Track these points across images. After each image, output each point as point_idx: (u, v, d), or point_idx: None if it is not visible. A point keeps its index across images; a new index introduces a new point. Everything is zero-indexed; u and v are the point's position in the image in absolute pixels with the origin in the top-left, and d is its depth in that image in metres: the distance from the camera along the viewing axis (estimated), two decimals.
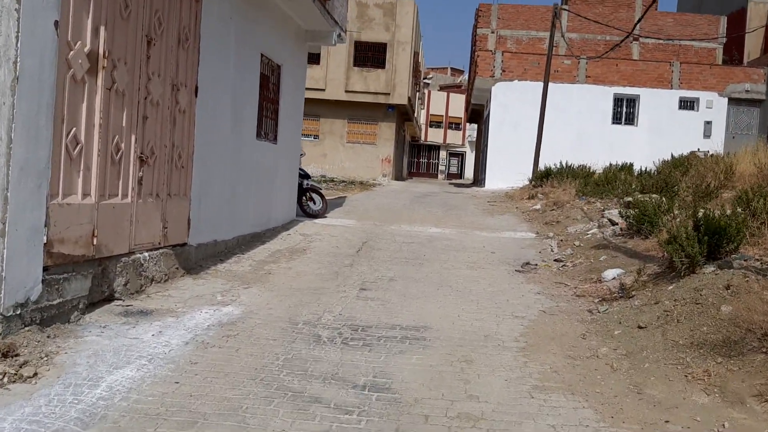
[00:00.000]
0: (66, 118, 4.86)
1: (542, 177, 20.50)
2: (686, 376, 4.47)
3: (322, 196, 12.57)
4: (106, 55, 5.33)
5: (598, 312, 6.39)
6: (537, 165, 22.69)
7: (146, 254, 6.17)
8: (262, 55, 9.35)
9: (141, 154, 6.01)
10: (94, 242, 5.29)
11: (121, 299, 5.73)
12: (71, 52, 4.89)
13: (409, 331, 5.53)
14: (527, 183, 22.48)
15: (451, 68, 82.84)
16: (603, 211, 12.75)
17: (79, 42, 4.98)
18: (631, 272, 7.68)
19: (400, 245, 10.14)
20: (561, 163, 21.37)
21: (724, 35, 34.08)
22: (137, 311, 5.53)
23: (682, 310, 5.55)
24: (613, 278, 7.74)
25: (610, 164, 21.33)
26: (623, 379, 4.50)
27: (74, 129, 4.98)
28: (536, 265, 9.00)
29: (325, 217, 12.68)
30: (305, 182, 12.32)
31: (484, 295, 7.08)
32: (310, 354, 4.76)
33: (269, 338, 5.09)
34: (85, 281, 5.20)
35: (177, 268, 6.76)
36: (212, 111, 7.55)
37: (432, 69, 78.23)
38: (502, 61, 27.60)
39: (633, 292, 6.70)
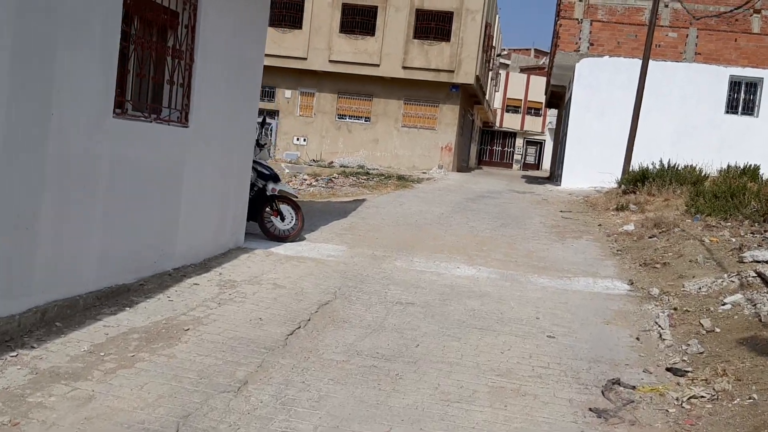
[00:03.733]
0: None
1: (636, 180, 15.59)
2: None
3: (296, 207, 8.27)
4: None
5: None
6: (629, 163, 17.73)
7: None
8: None
9: None
10: None
11: None
12: None
13: None
14: (614, 186, 17.58)
15: (535, 50, 76.76)
16: (740, 250, 7.98)
17: None
18: None
19: (386, 311, 5.78)
20: (660, 162, 16.38)
21: None
22: None
23: None
24: None
25: (728, 166, 16.19)
26: None
27: None
28: (633, 388, 4.47)
29: (302, 238, 8.41)
30: (269, 187, 8.06)
31: None
32: None
33: None
34: None
35: None
36: None
37: (514, 50, 72.75)
38: (590, 33, 22.53)
39: None
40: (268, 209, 8.11)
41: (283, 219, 8.14)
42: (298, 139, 29.66)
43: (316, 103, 29.58)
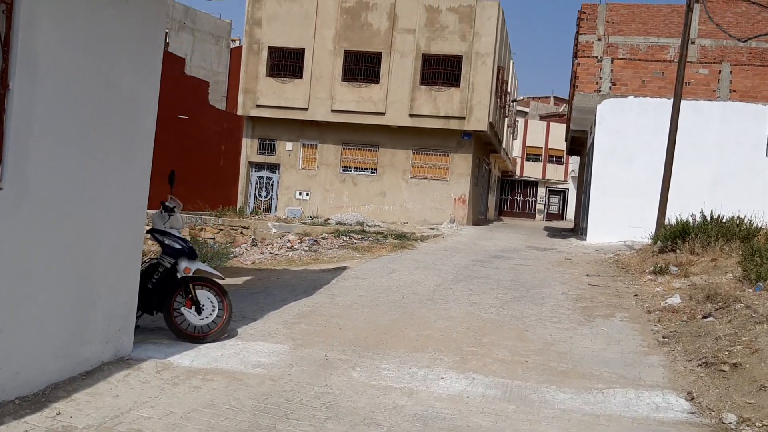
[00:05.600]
0: None
1: (675, 236, 13.22)
2: None
3: (221, 293, 6.09)
4: None
5: None
6: (664, 215, 15.37)
7: None
8: None
9: None
10: None
11: None
12: None
13: None
14: (648, 242, 15.21)
15: (555, 97, 75.47)
16: None
17: None
18: None
19: None
20: (701, 213, 14.01)
21: None
22: None
23: None
24: None
25: None
26: None
27: None
28: None
29: (233, 333, 6.20)
30: (181, 266, 5.91)
31: None
32: None
33: None
34: None
35: None
36: None
37: (533, 98, 71.47)
38: (612, 71, 20.44)
39: None
40: (179, 297, 5.94)
41: (200, 310, 5.94)
42: (300, 194, 27.73)
43: (318, 156, 27.72)
